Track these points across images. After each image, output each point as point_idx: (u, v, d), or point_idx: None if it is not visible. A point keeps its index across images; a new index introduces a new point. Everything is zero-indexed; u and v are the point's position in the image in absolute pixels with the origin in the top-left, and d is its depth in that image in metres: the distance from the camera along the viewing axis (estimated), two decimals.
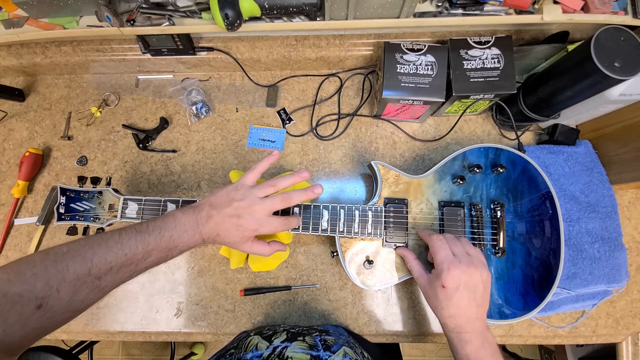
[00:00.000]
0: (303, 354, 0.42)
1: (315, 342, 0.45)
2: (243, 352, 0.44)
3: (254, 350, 0.44)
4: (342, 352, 0.44)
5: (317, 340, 0.46)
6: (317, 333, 0.49)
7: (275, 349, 0.43)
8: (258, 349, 0.44)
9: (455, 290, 0.43)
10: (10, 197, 0.69)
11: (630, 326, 0.62)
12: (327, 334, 0.50)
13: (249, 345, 0.45)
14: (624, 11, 0.52)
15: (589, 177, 0.64)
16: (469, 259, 0.45)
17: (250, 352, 0.43)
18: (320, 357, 0.42)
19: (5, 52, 0.70)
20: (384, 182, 0.57)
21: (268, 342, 0.45)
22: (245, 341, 0.47)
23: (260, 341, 0.46)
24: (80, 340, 1.19)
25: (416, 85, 0.58)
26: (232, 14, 0.51)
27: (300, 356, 0.41)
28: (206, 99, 0.72)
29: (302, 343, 0.45)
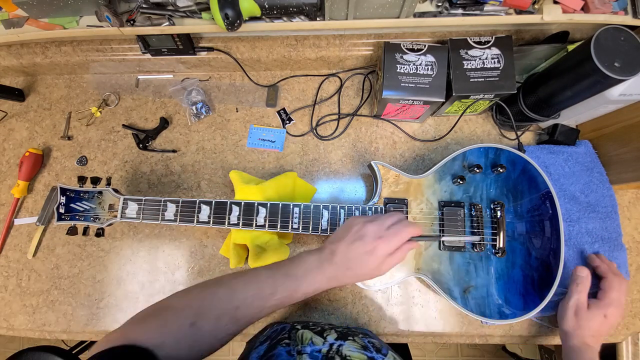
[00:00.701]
0: (360, 353, 0.43)
1: (365, 344, 0.47)
2: (300, 345, 0.44)
3: (311, 344, 0.45)
4: (392, 356, 0.45)
5: (366, 342, 0.47)
6: (361, 335, 0.50)
7: (332, 345, 0.44)
8: (314, 344, 0.45)
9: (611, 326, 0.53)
10: (10, 197, 0.69)
11: (630, 326, 0.62)
12: (369, 336, 0.51)
13: (303, 338, 0.46)
14: (624, 11, 0.52)
15: (589, 177, 0.64)
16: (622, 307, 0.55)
17: (307, 345, 0.44)
18: (375, 358, 0.43)
19: (5, 52, 0.70)
20: (384, 182, 0.57)
21: (322, 338, 0.46)
22: (296, 334, 0.47)
23: (314, 336, 0.47)
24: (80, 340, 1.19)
25: (416, 85, 0.58)
26: (232, 14, 0.51)
27: (358, 355, 0.42)
28: (206, 99, 0.72)
29: (354, 343, 0.46)
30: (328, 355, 0.42)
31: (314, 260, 0.43)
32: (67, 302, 0.65)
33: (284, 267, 0.42)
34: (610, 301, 0.53)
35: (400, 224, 0.45)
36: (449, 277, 0.54)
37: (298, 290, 0.41)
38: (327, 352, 0.43)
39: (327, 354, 0.42)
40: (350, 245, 0.43)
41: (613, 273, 0.56)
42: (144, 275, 0.66)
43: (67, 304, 0.65)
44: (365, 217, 0.46)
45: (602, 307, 0.53)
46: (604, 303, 0.53)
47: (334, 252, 0.43)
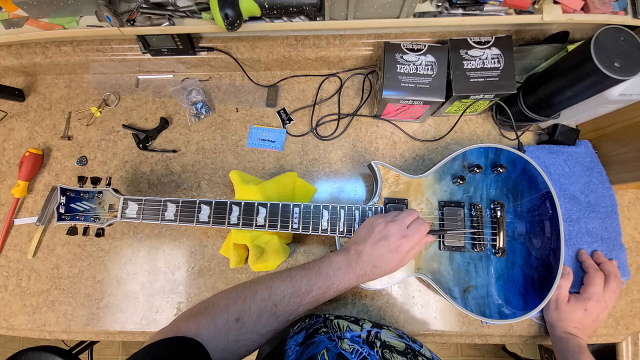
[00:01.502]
0: (397, 340, 0.46)
1: (400, 333, 0.50)
2: (339, 331, 0.47)
3: (349, 331, 0.47)
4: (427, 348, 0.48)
5: (400, 332, 0.51)
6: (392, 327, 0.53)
7: (370, 332, 0.47)
8: (353, 330, 0.47)
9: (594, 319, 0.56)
10: (10, 197, 0.69)
11: (630, 326, 0.62)
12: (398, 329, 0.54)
13: (340, 326, 0.48)
14: (624, 11, 0.52)
15: (589, 177, 0.64)
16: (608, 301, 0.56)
17: (347, 332, 0.47)
18: (412, 347, 0.46)
19: (5, 52, 0.70)
20: (384, 182, 0.57)
21: (359, 326, 0.49)
22: (331, 323, 0.49)
23: (350, 324, 0.49)
24: (80, 340, 1.19)
25: (416, 85, 0.58)
26: (232, 14, 0.51)
27: (397, 342, 0.46)
28: (206, 99, 0.72)
29: (390, 332, 0.49)
30: (368, 339, 0.45)
31: (343, 260, 0.46)
32: (67, 302, 0.65)
33: (316, 267, 0.45)
34: (590, 295, 0.55)
35: (419, 222, 0.48)
36: (449, 277, 0.54)
37: (331, 287, 0.44)
38: (366, 337, 0.45)
39: (367, 339, 0.45)
40: (376, 245, 0.46)
41: (595, 269, 0.58)
42: (144, 275, 0.66)
43: (67, 304, 0.65)
44: (385, 217, 0.49)
45: (582, 301, 0.56)
46: (584, 297, 0.56)
47: (360, 252, 0.46)
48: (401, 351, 0.44)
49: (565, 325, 0.55)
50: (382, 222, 0.48)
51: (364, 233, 0.48)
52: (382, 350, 0.43)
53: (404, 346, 0.45)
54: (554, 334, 0.56)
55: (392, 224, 0.47)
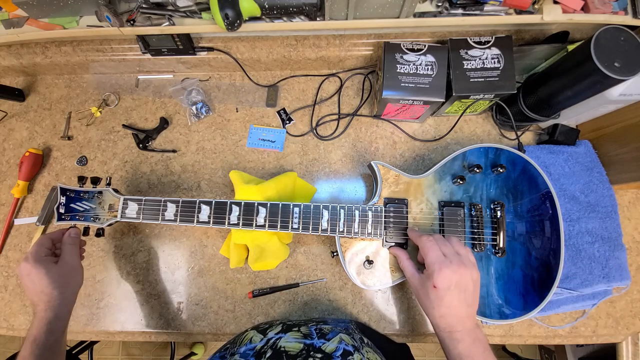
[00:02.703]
0: (296, 342, 0.42)
1: (310, 331, 0.45)
2: (237, 347, 0.44)
3: (248, 344, 0.44)
4: (338, 338, 0.44)
5: (312, 330, 0.46)
6: (313, 323, 0.49)
7: (269, 340, 0.44)
8: (252, 342, 0.44)
9: (447, 290, 0.43)
10: (10, 197, 0.69)
11: (630, 326, 0.62)
12: (325, 323, 0.50)
13: (243, 339, 0.46)
14: (624, 11, 0.52)
15: (589, 177, 0.64)
16: (459, 258, 0.45)
17: (244, 345, 0.44)
18: (314, 344, 0.42)
19: (5, 52, 0.70)
20: (384, 182, 0.57)
21: (262, 335, 0.46)
22: (241, 337, 0.48)
23: (255, 335, 0.47)
24: (80, 340, 1.19)
25: (416, 85, 0.58)
26: (232, 14, 0.51)
27: (294, 345, 0.41)
28: (206, 99, 0.72)
29: (297, 333, 0.45)
30: (260, 350, 0.42)
31: None
32: None
33: None
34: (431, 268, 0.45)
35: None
36: None
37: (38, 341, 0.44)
38: (260, 348, 0.42)
39: (260, 350, 0.42)
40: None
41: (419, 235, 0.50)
42: (144, 275, 0.65)
43: None
44: None
45: (426, 279, 0.45)
46: (427, 273, 0.46)
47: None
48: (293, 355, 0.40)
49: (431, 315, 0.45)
50: None
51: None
52: None
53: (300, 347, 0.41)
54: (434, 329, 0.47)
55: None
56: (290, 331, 0.46)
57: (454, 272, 0.43)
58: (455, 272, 0.43)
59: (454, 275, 0.43)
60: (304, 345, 0.42)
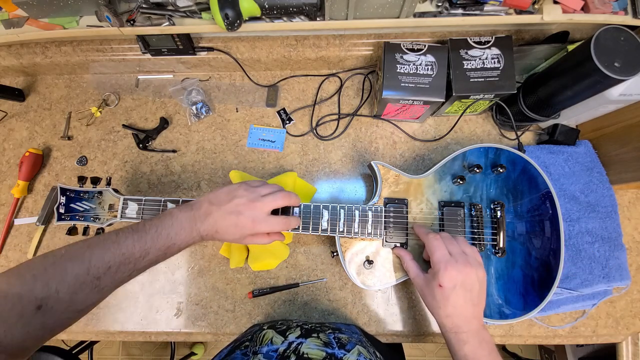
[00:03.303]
0: (318, 350, 0.42)
1: (329, 340, 0.45)
2: (258, 345, 0.44)
3: (269, 344, 0.44)
4: (357, 351, 0.43)
5: (332, 338, 0.46)
6: (330, 331, 0.49)
7: (291, 344, 0.44)
8: (273, 343, 0.44)
9: (452, 289, 0.43)
10: (10, 197, 0.69)
11: (630, 326, 0.62)
12: (340, 332, 0.50)
13: (263, 338, 0.46)
14: (624, 11, 0.52)
15: (589, 177, 0.64)
16: (465, 258, 0.45)
17: (265, 345, 0.44)
18: (336, 354, 0.42)
19: (5, 52, 0.70)
20: (384, 182, 0.57)
21: (283, 337, 0.46)
22: (259, 334, 0.47)
23: (275, 335, 0.46)
24: (80, 340, 1.19)
25: (416, 85, 0.58)
26: (232, 14, 0.51)
27: (316, 352, 0.41)
28: (206, 99, 0.72)
29: (317, 340, 0.45)
30: (284, 354, 0.41)
31: (188, 218, 0.43)
32: None
33: (153, 227, 0.41)
34: (435, 265, 0.45)
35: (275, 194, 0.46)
36: None
37: (172, 247, 0.42)
38: (283, 351, 0.42)
39: (283, 353, 0.42)
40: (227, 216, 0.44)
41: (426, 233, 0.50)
42: (144, 274, 0.65)
43: None
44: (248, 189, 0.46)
45: (432, 278, 0.45)
46: (432, 272, 0.46)
47: (208, 213, 0.44)
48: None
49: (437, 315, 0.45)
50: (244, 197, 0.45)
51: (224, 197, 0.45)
52: None
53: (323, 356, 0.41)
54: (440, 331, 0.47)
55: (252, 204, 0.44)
56: (310, 337, 0.46)
57: (460, 272, 0.43)
58: (460, 271, 0.43)
59: (460, 274, 0.43)
60: (326, 354, 0.41)
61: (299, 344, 0.43)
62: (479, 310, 0.45)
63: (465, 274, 0.43)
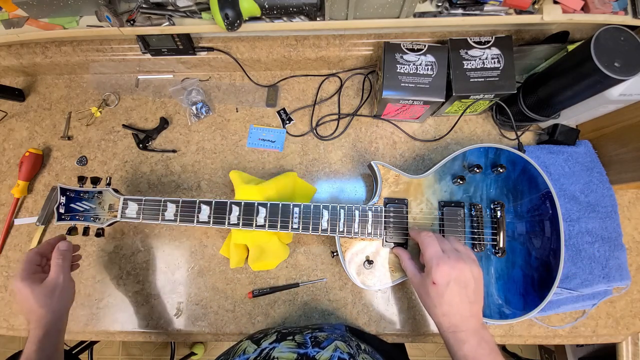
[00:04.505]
0: (290, 352, 0.41)
1: (304, 340, 0.44)
2: (232, 357, 0.44)
3: (241, 355, 0.43)
4: (333, 346, 0.43)
5: (307, 338, 0.45)
6: (309, 331, 0.48)
7: (263, 351, 0.43)
8: (245, 353, 0.43)
9: (446, 286, 0.42)
10: (10, 197, 0.69)
11: (630, 326, 0.62)
12: (321, 330, 0.49)
13: (237, 350, 0.45)
14: (624, 11, 0.52)
15: (589, 177, 0.64)
16: (458, 254, 0.44)
17: (238, 356, 0.43)
18: (308, 354, 0.41)
19: (5, 52, 0.70)
20: (384, 182, 0.57)
21: (256, 345, 0.45)
22: (235, 347, 0.47)
23: (249, 345, 0.46)
24: (80, 340, 1.19)
25: (416, 85, 0.58)
26: (232, 14, 0.51)
27: (287, 355, 0.40)
28: (206, 99, 0.72)
29: (291, 342, 0.44)
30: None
31: None
32: None
33: None
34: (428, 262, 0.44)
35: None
36: None
37: None
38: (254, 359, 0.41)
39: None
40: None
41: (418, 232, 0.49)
42: (144, 275, 0.65)
43: None
44: None
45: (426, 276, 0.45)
46: (426, 270, 0.45)
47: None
48: None
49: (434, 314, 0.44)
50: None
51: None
52: None
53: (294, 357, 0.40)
54: None
55: None
56: (285, 340, 0.45)
57: (452, 267, 0.42)
58: (453, 267, 0.42)
59: (453, 270, 0.42)
60: (297, 355, 0.40)
61: (271, 349, 0.42)
62: (477, 308, 0.44)
63: (458, 269, 0.42)
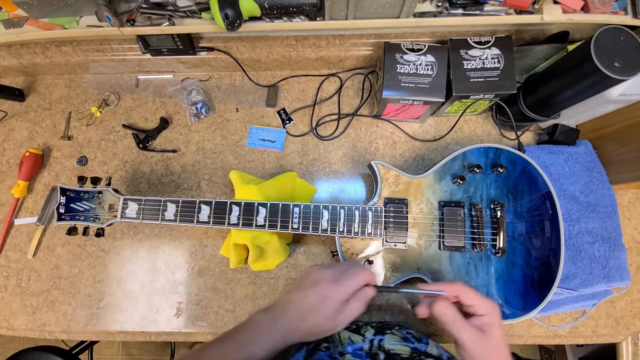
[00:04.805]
0: (402, 345, 0.43)
1: (404, 335, 0.46)
2: (340, 346, 0.43)
3: (351, 344, 0.43)
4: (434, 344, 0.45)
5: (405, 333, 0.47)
6: (397, 327, 0.49)
7: (372, 341, 0.44)
8: (354, 342, 0.44)
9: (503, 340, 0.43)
10: (10, 197, 0.69)
11: (630, 326, 0.62)
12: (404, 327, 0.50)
13: (341, 339, 0.45)
14: (624, 11, 0.52)
15: (589, 177, 0.64)
16: None
17: (347, 345, 0.43)
18: (418, 348, 0.43)
19: (5, 52, 0.70)
20: (384, 182, 0.57)
21: (360, 335, 0.45)
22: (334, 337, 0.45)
23: (351, 335, 0.45)
24: (80, 340, 1.19)
25: (416, 85, 0.58)
26: (232, 14, 0.51)
27: (401, 348, 0.42)
28: (206, 99, 0.72)
29: (394, 336, 0.46)
30: (371, 351, 0.42)
31: (265, 318, 0.40)
32: (67, 302, 0.65)
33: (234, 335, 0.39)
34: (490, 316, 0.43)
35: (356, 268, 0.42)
36: (449, 277, 0.54)
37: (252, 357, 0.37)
38: (369, 349, 0.42)
39: (370, 351, 0.42)
40: (306, 293, 0.40)
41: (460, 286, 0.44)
42: (144, 275, 0.66)
43: (67, 304, 0.65)
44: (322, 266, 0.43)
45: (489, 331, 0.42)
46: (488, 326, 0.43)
47: (288, 302, 0.40)
48: (406, 357, 0.40)
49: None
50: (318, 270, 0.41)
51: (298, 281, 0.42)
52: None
53: (409, 351, 0.41)
54: None
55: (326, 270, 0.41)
56: (386, 334, 0.45)
57: None
58: None
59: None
60: (410, 348, 0.42)
61: (380, 341, 0.44)
62: None
63: None
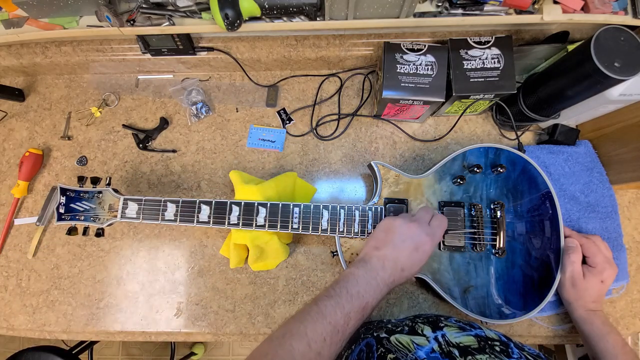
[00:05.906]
0: (465, 336, 0.43)
1: (459, 325, 0.47)
2: (409, 353, 0.42)
3: (419, 347, 0.43)
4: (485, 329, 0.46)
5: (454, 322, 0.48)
6: (442, 318, 0.50)
7: (438, 339, 0.43)
8: (421, 345, 0.43)
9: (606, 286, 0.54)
10: (10, 197, 0.69)
11: (630, 326, 0.62)
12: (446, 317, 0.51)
13: (403, 345, 0.44)
14: (624, 11, 0.52)
15: (589, 177, 0.64)
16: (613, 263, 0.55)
17: (417, 350, 0.42)
18: (479, 334, 0.44)
19: (5, 52, 0.70)
20: (384, 182, 0.57)
21: (421, 336, 0.45)
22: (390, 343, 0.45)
23: (412, 337, 0.45)
24: (80, 340, 1.19)
25: (416, 85, 0.58)
26: (232, 14, 0.51)
27: (467, 339, 0.43)
28: (206, 99, 0.72)
29: (450, 328, 0.46)
30: (443, 350, 0.41)
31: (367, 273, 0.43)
32: (67, 302, 0.65)
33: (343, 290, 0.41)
34: (602, 267, 0.53)
35: (438, 219, 0.48)
36: (449, 277, 0.54)
37: (367, 307, 0.41)
38: (440, 348, 0.41)
39: (442, 349, 0.41)
40: (400, 248, 0.44)
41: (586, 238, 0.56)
42: (144, 275, 0.66)
43: (67, 304, 0.65)
44: (402, 218, 0.47)
45: (597, 274, 0.53)
46: (598, 270, 0.53)
47: (384, 257, 0.44)
48: (477, 348, 0.40)
49: (584, 304, 0.53)
50: (403, 224, 0.46)
51: (384, 236, 0.46)
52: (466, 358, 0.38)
53: (475, 339, 0.42)
54: (575, 314, 0.54)
55: (413, 224, 0.46)
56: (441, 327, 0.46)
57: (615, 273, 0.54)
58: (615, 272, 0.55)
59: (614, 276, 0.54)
60: (474, 337, 0.43)
61: (443, 336, 0.44)
62: None
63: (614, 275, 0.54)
